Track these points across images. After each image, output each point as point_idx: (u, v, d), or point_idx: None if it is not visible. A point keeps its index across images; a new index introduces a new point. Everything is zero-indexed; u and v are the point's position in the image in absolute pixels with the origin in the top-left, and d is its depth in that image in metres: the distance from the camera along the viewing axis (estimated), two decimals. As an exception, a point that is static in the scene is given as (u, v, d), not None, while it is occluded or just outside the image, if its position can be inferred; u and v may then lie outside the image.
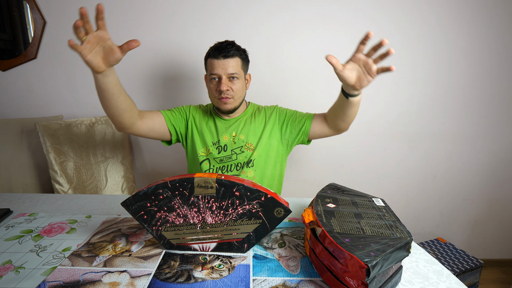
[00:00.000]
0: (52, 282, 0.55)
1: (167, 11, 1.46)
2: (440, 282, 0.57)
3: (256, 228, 0.64)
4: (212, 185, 0.62)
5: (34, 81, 1.53)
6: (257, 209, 0.63)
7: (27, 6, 1.44)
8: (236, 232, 0.65)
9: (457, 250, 1.59)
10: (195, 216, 0.64)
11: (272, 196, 0.62)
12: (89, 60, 0.74)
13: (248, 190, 0.62)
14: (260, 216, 0.64)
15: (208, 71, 1.05)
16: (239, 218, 0.64)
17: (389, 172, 1.69)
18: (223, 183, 0.62)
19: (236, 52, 1.01)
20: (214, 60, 1.00)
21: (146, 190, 0.62)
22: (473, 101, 1.60)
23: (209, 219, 0.64)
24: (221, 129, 1.10)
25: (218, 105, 1.06)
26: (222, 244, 0.66)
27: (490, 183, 1.72)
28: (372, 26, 1.48)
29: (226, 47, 0.99)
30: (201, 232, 0.65)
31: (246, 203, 0.63)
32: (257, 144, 1.09)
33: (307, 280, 0.57)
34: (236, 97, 1.04)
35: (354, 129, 1.62)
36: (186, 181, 0.62)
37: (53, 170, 1.26)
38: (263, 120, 1.13)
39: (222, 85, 1.00)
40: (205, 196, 0.63)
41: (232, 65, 1.00)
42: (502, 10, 1.49)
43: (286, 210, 0.63)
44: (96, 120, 1.43)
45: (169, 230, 0.65)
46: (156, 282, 0.56)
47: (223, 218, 0.64)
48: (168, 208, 0.63)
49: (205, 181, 0.62)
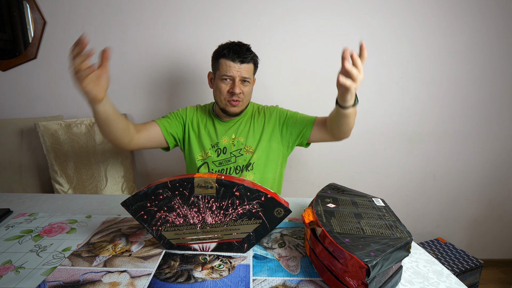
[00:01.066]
0: (52, 282, 0.55)
1: (167, 10, 1.46)
2: (440, 282, 0.57)
3: (256, 228, 0.64)
4: (212, 185, 0.62)
5: (34, 81, 1.53)
6: (257, 209, 0.63)
7: (27, 6, 1.44)
8: (236, 232, 0.65)
9: (457, 250, 1.59)
10: (195, 216, 0.64)
11: (272, 196, 0.62)
12: (89, 89, 0.71)
13: (248, 190, 0.62)
14: (260, 216, 0.64)
15: (220, 71, 1.01)
16: (239, 218, 0.64)
17: (389, 172, 1.69)
18: (223, 183, 0.62)
19: (252, 59, 1.02)
20: (229, 62, 0.98)
21: (146, 190, 0.62)
22: (473, 101, 1.60)
23: (209, 219, 0.64)
24: (221, 132, 1.09)
25: (226, 107, 1.03)
26: (222, 244, 0.66)
27: (490, 183, 1.72)
28: (372, 26, 1.48)
29: (245, 53, 0.99)
30: (201, 232, 0.65)
31: (246, 203, 0.63)
32: (256, 147, 1.07)
33: (307, 280, 0.57)
34: (245, 100, 1.04)
35: (354, 129, 1.61)
36: (186, 181, 0.62)
37: (53, 170, 1.26)
38: (262, 121, 1.11)
39: (236, 87, 0.98)
40: (205, 196, 0.62)
41: (247, 69, 1.00)
42: (503, 10, 1.49)
43: (286, 210, 0.63)
44: (96, 120, 1.43)
45: (169, 230, 0.65)
46: (156, 282, 0.56)
47: (223, 218, 0.64)
48: (168, 208, 0.63)
49: (205, 181, 0.62)
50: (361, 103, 1.59)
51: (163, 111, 1.59)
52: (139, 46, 1.50)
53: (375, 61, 1.53)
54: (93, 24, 1.47)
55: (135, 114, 1.60)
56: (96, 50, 0.68)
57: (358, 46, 0.80)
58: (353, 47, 1.59)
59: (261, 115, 1.13)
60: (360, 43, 0.71)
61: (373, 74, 1.55)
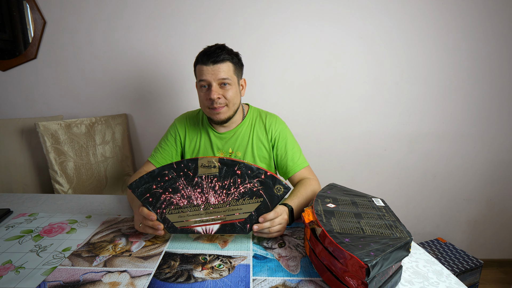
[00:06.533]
0: (52, 282, 0.55)
1: (168, 10, 1.46)
2: (440, 282, 0.57)
3: (258, 207, 0.67)
4: (215, 164, 0.65)
5: (34, 81, 1.53)
6: (258, 187, 0.66)
7: (27, 6, 1.44)
8: (238, 212, 0.67)
9: (457, 250, 1.59)
10: (198, 197, 0.66)
11: (271, 174, 0.66)
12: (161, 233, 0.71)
13: (249, 168, 0.65)
14: (261, 194, 0.66)
15: (197, 78, 0.94)
16: (241, 197, 0.66)
17: (389, 172, 1.69)
18: (225, 162, 0.65)
19: (227, 57, 0.90)
20: (203, 66, 0.90)
21: (152, 172, 0.65)
22: (473, 101, 1.60)
23: (212, 199, 0.66)
24: (217, 146, 1.02)
25: (210, 115, 0.96)
26: (225, 226, 0.68)
27: (490, 183, 1.72)
28: (372, 26, 1.48)
29: (215, 52, 0.89)
30: (205, 213, 0.67)
31: (247, 182, 0.65)
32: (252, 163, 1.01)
33: (307, 280, 0.57)
34: (230, 105, 0.93)
35: (354, 129, 1.62)
36: (191, 162, 0.65)
37: (53, 170, 1.26)
38: (263, 137, 1.02)
39: (213, 92, 0.89)
40: (209, 176, 0.65)
41: (223, 70, 0.89)
42: (503, 10, 1.49)
43: (285, 188, 0.66)
44: (96, 120, 1.43)
45: (173, 212, 0.67)
46: (156, 282, 0.56)
47: (226, 198, 0.66)
48: (173, 189, 0.66)
49: (208, 161, 0.65)
50: (361, 103, 1.59)
51: (163, 111, 1.59)
52: (139, 46, 1.50)
53: (375, 61, 1.53)
54: (93, 24, 1.47)
55: (135, 114, 1.60)
56: (97, 51, 0.69)
57: (358, 46, 0.80)
58: (353, 47, 1.58)
59: (262, 129, 1.03)
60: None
61: (373, 74, 1.55)
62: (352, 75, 1.55)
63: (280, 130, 1.03)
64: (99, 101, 1.57)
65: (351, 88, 1.56)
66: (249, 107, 1.08)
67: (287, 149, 1.01)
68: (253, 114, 1.06)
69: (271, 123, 1.03)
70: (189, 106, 1.56)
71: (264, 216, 0.67)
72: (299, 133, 1.53)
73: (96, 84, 1.55)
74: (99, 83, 1.55)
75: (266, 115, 1.06)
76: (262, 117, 1.05)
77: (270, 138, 1.02)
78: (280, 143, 1.02)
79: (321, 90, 1.56)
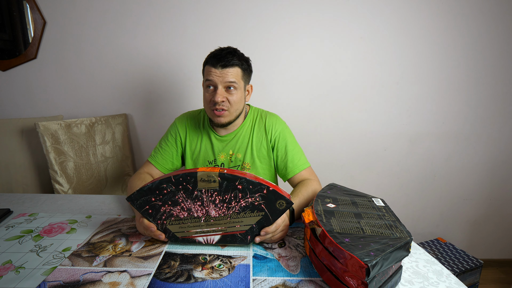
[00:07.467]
0: (52, 282, 0.55)
1: (168, 10, 1.46)
2: (440, 282, 0.57)
3: (259, 220, 0.66)
4: (215, 179, 0.63)
5: (34, 81, 1.53)
6: (259, 202, 0.64)
7: (27, 6, 1.44)
8: (239, 225, 0.66)
9: (457, 250, 1.59)
10: (199, 209, 0.65)
11: (274, 189, 0.63)
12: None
13: (250, 183, 0.63)
14: (262, 208, 0.65)
15: (204, 77, 0.95)
16: (242, 211, 0.65)
17: (389, 172, 1.69)
18: (225, 177, 0.63)
19: (237, 62, 0.91)
20: (211, 68, 0.91)
21: (151, 185, 0.63)
22: (473, 101, 1.60)
23: (212, 212, 0.65)
24: (218, 148, 1.02)
25: (211, 117, 0.96)
26: (226, 237, 0.67)
27: (490, 183, 1.72)
28: (372, 26, 1.48)
29: (226, 56, 0.90)
30: (205, 225, 0.66)
31: (249, 196, 0.64)
32: (252, 164, 1.02)
33: (307, 280, 0.57)
34: (232, 110, 0.93)
35: (354, 129, 1.62)
36: (190, 176, 0.63)
37: (53, 170, 1.26)
38: (263, 138, 1.02)
39: (217, 95, 0.90)
40: (209, 190, 0.64)
41: (231, 74, 0.90)
42: (502, 9, 1.49)
43: (288, 202, 0.64)
44: (96, 120, 1.43)
45: (173, 223, 0.66)
46: (156, 282, 0.56)
47: (227, 211, 0.65)
48: (172, 202, 0.64)
49: (208, 175, 0.63)
50: (361, 103, 1.59)
51: (163, 111, 1.59)
52: (140, 46, 1.50)
53: (375, 61, 1.53)
54: (93, 24, 1.47)
55: (135, 114, 1.60)
56: (97, 51, 0.68)
57: (358, 47, 0.80)
58: (353, 47, 1.59)
59: (262, 130, 1.03)
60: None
61: (373, 74, 1.55)
62: (352, 75, 1.55)
63: (280, 131, 1.02)
64: (99, 101, 1.57)
65: (351, 88, 1.56)
66: (250, 108, 1.07)
67: (287, 150, 1.01)
68: (253, 114, 1.06)
69: (271, 124, 1.03)
70: (189, 106, 1.56)
71: (265, 229, 0.67)
72: (299, 133, 1.53)
73: (96, 84, 1.55)
74: (99, 83, 1.55)
75: (266, 115, 1.06)
76: (262, 118, 1.05)
77: (270, 139, 1.02)
78: (280, 144, 1.01)
79: (321, 90, 1.56)
